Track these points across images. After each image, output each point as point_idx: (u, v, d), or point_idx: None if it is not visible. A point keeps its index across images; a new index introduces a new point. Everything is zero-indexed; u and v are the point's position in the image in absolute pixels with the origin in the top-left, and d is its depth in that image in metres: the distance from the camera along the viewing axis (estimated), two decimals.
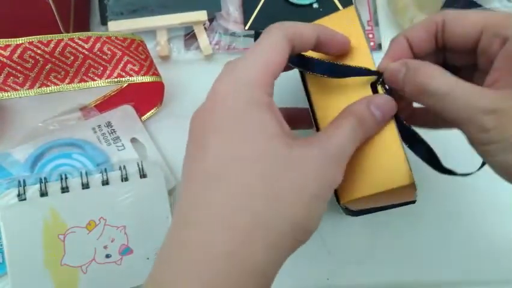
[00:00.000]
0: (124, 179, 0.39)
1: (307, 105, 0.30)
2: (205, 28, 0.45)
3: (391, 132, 0.27)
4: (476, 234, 0.39)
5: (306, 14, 0.46)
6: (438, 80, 0.24)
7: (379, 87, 0.28)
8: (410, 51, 0.28)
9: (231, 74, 0.24)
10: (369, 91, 0.28)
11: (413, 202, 0.34)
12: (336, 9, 0.46)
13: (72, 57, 0.36)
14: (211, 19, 0.45)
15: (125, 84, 0.43)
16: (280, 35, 0.25)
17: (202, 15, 0.44)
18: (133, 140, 0.41)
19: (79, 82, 0.37)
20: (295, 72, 0.31)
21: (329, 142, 0.24)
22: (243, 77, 0.24)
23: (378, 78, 0.28)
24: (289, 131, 0.25)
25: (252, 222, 0.22)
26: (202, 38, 0.44)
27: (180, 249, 0.22)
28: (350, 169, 0.26)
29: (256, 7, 0.46)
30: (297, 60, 0.28)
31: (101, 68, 0.37)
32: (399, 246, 0.39)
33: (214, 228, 0.22)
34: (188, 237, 0.22)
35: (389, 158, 0.27)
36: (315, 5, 0.46)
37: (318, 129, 0.29)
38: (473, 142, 0.24)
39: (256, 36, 0.30)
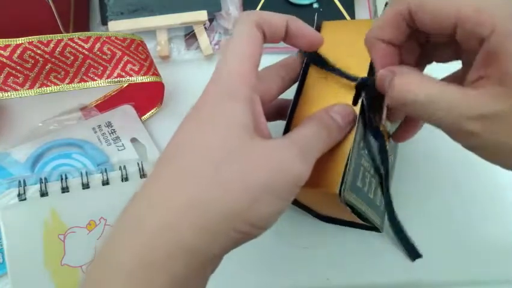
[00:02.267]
0: (124, 179, 0.39)
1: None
2: (205, 28, 0.45)
3: (346, 142, 0.28)
4: (476, 234, 0.39)
5: (306, 14, 0.46)
6: (417, 89, 0.23)
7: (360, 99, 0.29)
8: (393, 48, 0.27)
9: (215, 72, 0.25)
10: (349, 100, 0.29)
11: (378, 231, 0.36)
12: (337, 9, 0.46)
13: (72, 57, 0.36)
14: (211, 19, 0.45)
15: (125, 84, 0.43)
16: (249, 24, 0.25)
17: (202, 15, 0.44)
18: (133, 140, 0.41)
19: (78, 82, 0.37)
20: None
21: (291, 137, 0.25)
22: (224, 72, 0.25)
23: (359, 86, 0.28)
24: (261, 126, 0.25)
25: (186, 203, 0.22)
26: (202, 38, 0.44)
27: (119, 222, 0.23)
28: None
29: (256, 7, 0.46)
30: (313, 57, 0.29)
31: (101, 68, 0.37)
32: (399, 246, 0.39)
33: (150, 205, 0.22)
34: (128, 213, 0.23)
35: (331, 164, 0.27)
36: (315, 5, 0.46)
37: (288, 125, 0.29)
38: (463, 146, 0.24)
39: (317, 27, 0.31)
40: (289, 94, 0.32)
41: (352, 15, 0.46)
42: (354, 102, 0.29)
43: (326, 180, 0.27)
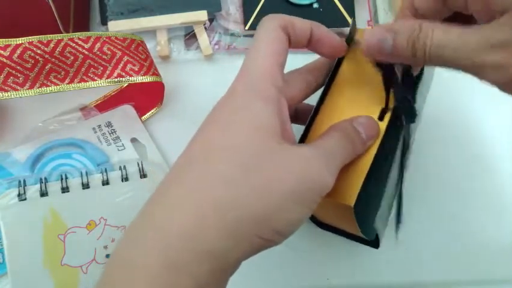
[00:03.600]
0: (124, 179, 0.39)
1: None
2: (205, 28, 0.45)
3: (367, 156, 0.27)
4: (476, 234, 0.39)
5: (306, 14, 0.46)
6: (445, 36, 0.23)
7: (386, 116, 0.28)
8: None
9: (241, 71, 0.25)
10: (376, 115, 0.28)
11: (375, 246, 0.35)
12: (337, 9, 0.46)
13: (72, 57, 0.36)
14: (211, 19, 0.45)
15: (126, 84, 0.43)
16: (274, 26, 0.25)
17: (202, 15, 0.44)
18: (133, 140, 0.41)
19: (78, 82, 0.37)
20: None
21: (316, 144, 0.25)
22: (251, 70, 0.24)
23: (385, 109, 0.28)
24: (288, 130, 0.25)
25: (213, 206, 0.21)
26: (202, 38, 0.44)
27: (140, 224, 0.23)
28: None
29: (257, 7, 0.46)
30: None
31: (101, 68, 0.37)
32: (399, 246, 0.39)
33: (174, 208, 0.22)
34: (151, 215, 0.23)
35: (349, 176, 0.27)
36: (315, 5, 0.46)
37: (306, 131, 0.29)
38: (494, 84, 0.23)
39: (350, 35, 0.30)
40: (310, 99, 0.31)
41: (352, 15, 0.46)
42: (381, 118, 0.28)
43: (342, 192, 0.27)
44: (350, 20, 0.46)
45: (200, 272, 0.21)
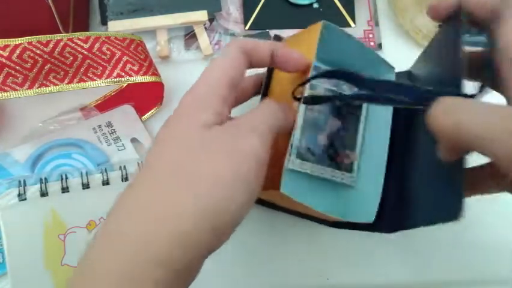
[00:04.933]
0: (124, 179, 0.39)
1: None
2: (205, 28, 0.45)
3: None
4: (476, 235, 0.39)
5: (306, 14, 0.46)
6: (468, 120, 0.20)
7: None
8: None
9: (194, 86, 0.27)
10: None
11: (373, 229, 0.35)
12: (337, 9, 0.46)
13: (71, 57, 0.36)
14: (211, 19, 0.45)
15: (125, 84, 0.43)
16: (236, 49, 0.27)
17: (202, 15, 0.44)
18: (133, 140, 0.41)
19: (78, 82, 0.37)
20: None
21: (241, 117, 0.26)
22: (201, 87, 0.26)
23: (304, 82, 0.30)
24: (213, 120, 0.25)
25: (159, 214, 0.22)
26: (203, 38, 0.44)
27: (102, 231, 0.24)
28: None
29: (257, 7, 0.46)
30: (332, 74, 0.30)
31: (101, 68, 0.37)
32: (399, 246, 0.39)
33: (129, 216, 0.23)
34: (109, 223, 0.24)
35: (278, 164, 0.28)
36: (315, 5, 0.46)
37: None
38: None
39: (276, 39, 0.34)
40: None
41: (352, 15, 0.46)
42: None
43: (274, 181, 0.28)
44: (350, 20, 0.46)
45: (157, 276, 0.22)
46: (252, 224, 0.39)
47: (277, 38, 0.35)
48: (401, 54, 0.45)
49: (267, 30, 0.45)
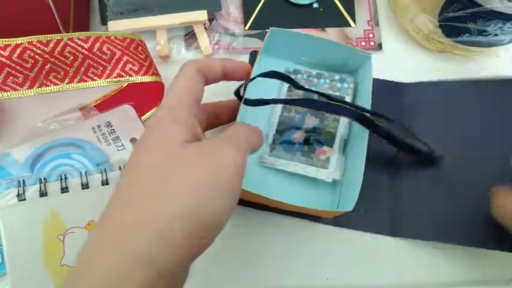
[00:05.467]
0: None
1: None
2: (205, 28, 0.45)
3: None
4: None
5: (306, 14, 0.46)
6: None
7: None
8: None
9: (163, 102, 0.29)
10: None
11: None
12: (337, 9, 0.46)
13: (71, 57, 0.36)
14: (211, 19, 0.45)
15: (125, 84, 0.43)
16: (192, 69, 0.30)
17: (202, 15, 0.44)
18: (133, 140, 0.41)
19: (78, 82, 0.37)
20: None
21: (220, 135, 0.28)
22: (166, 105, 0.28)
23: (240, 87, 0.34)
24: (197, 138, 0.27)
25: (139, 217, 0.23)
26: (202, 38, 0.44)
27: (88, 239, 0.24)
28: None
29: (257, 7, 0.46)
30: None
31: (101, 68, 0.37)
32: (399, 246, 0.39)
33: (109, 226, 0.24)
34: (96, 232, 0.24)
35: None
36: (315, 5, 0.46)
37: None
38: None
39: (252, 56, 0.37)
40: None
41: (352, 15, 0.46)
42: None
43: None
44: (350, 20, 0.46)
45: (136, 282, 0.22)
46: (250, 226, 0.39)
47: (254, 54, 0.37)
48: (401, 54, 0.46)
49: (267, 30, 0.45)
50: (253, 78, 0.34)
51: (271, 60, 0.41)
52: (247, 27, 0.45)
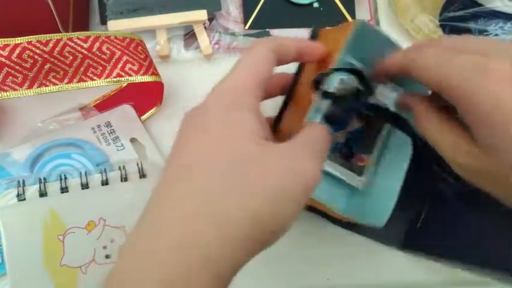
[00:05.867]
0: (124, 179, 0.39)
1: None
2: (205, 27, 0.45)
3: None
4: None
5: (307, 13, 0.46)
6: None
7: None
8: None
9: (220, 84, 0.26)
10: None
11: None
12: (337, 8, 0.46)
13: (71, 57, 0.36)
14: (211, 18, 0.45)
15: (125, 84, 0.43)
16: (264, 48, 0.27)
17: (202, 14, 0.44)
18: (133, 140, 0.41)
19: (78, 82, 0.37)
20: None
21: (295, 140, 0.25)
22: (229, 84, 0.25)
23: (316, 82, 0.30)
24: (267, 134, 0.25)
25: (203, 219, 0.21)
26: (202, 38, 0.44)
27: (139, 240, 0.23)
28: None
29: (257, 6, 0.46)
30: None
31: (100, 68, 0.37)
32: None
33: (167, 222, 0.22)
34: (145, 229, 0.23)
35: None
36: (316, 4, 0.46)
37: (277, 122, 0.31)
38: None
39: (313, 33, 0.33)
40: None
41: (352, 15, 0.46)
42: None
43: None
44: (350, 19, 0.45)
45: (198, 283, 0.21)
46: None
47: (314, 33, 0.33)
48: None
49: (267, 30, 0.45)
50: (339, 69, 0.30)
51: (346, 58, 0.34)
52: (247, 27, 0.45)
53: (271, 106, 0.32)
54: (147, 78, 0.38)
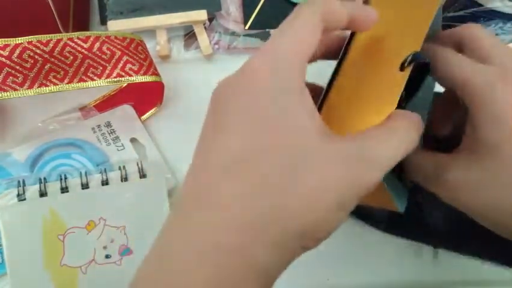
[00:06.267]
0: (124, 179, 0.39)
1: None
2: (205, 28, 0.45)
3: None
4: None
5: None
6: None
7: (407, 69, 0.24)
8: None
9: (269, 51, 0.21)
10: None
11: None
12: None
13: (71, 57, 0.36)
14: (211, 18, 0.45)
15: (125, 84, 0.43)
16: (312, 14, 0.22)
17: (202, 14, 0.44)
18: (133, 140, 0.41)
19: (78, 82, 0.37)
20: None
21: (366, 144, 0.21)
22: (281, 56, 0.21)
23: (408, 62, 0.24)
24: (321, 123, 0.21)
25: (259, 220, 0.19)
26: (202, 38, 0.44)
27: (176, 239, 0.20)
28: None
29: (256, 6, 0.46)
30: None
31: (101, 68, 0.37)
32: (399, 246, 0.39)
33: (214, 224, 0.20)
34: (189, 228, 0.20)
35: None
36: None
37: (324, 98, 0.25)
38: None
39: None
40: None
41: None
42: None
43: None
44: None
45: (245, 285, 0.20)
46: None
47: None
48: None
49: (267, 30, 0.45)
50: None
51: None
52: (247, 27, 0.45)
53: None
54: (147, 78, 0.38)
